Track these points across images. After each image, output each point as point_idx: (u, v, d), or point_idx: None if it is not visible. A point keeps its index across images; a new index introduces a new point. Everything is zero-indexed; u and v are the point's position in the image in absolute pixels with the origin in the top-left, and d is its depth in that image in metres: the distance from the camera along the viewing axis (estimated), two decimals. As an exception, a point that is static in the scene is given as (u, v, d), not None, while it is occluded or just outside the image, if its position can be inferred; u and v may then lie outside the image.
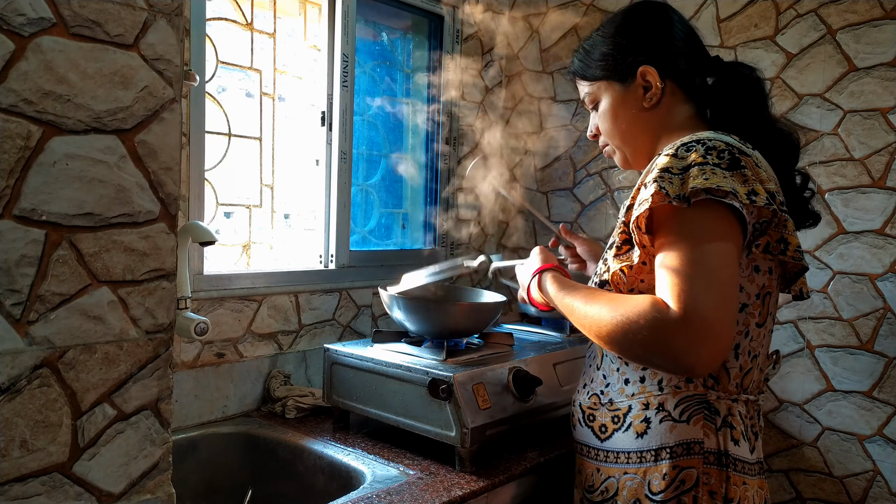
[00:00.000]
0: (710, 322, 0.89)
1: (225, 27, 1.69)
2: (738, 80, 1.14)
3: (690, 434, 1.03)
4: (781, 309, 1.80)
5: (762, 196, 0.95)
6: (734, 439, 1.03)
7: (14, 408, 0.74)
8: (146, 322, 0.83)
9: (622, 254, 1.07)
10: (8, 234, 0.73)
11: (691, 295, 0.90)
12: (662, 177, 0.97)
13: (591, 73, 1.19)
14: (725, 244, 0.94)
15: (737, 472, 1.02)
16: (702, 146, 0.98)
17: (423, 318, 1.49)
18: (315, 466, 1.44)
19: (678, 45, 1.14)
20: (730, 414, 1.04)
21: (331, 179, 1.89)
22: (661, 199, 0.95)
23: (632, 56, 1.13)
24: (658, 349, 0.93)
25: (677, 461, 1.03)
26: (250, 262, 1.78)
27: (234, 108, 1.72)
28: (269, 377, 1.71)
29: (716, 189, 0.93)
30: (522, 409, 1.39)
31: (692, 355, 0.90)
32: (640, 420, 1.07)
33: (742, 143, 1.02)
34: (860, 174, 1.69)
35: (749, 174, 0.96)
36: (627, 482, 1.07)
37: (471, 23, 2.24)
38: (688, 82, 1.14)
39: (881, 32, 1.65)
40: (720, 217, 0.95)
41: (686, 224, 0.95)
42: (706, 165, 0.95)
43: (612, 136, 1.20)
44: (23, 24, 0.72)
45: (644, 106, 1.14)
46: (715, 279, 0.92)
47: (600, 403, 1.13)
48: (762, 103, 1.13)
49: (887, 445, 1.67)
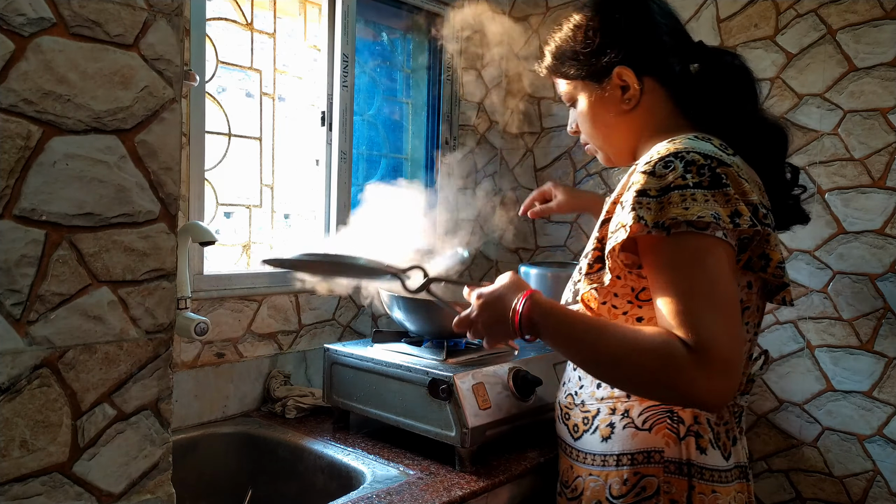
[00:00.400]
0: (729, 359, 0.85)
1: (225, 27, 1.69)
2: (722, 69, 1.07)
3: (651, 443, 1.02)
4: (781, 309, 1.80)
5: (745, 217, 0.91)
6: (700, 447, 1.01)
7: (14, 408, 0.74)
8: (146, 322, 0.83)
9: (593, 273, 1.04)
10: (8, 234, 0.73)
11: (707, 333, 0.85)
12: (640, 202, 0.92)
13: (565, 72, 1.12)
14: (721, 269, 0.90)
15: (704, 480, 1.00)
16: (680, 162, 0.93)
17: (423, 318, 1.49)
18: (315, 466, 1.44)
19: (656, 37, 1.07)
20: (696, 422, 1.02)
21: (331, 179, 1.89)
22: (639, 230, 0.91)
23: (606, 56, 1.06)
24: (678, 391, 0.88)
25: (638, 468, 1.02)
26: (250, 262, 1.78)
27: (234, 108, 1.72)
28: (269, 377, 1.71)
29: (696, 220, 0.88)
30: (522, 409, 1.39)
31: (714, 394, 0.86)
32: (605, 424, 1.07)
33: (722, 150, 0.98)
34: (860, 174, 1.69)
35: (731, 192, 0.91)
36: (591, 483, 1.07)
37: (471, 22, 2.24)
38: (668, 75, 1.08)
39: (881, 32, 1.64)
40: (708, 242, 0.90)
41: (677, 253, 0.91)
42: (686, 189, 0.90)
43: (592, 137, 1.15)
44: (23, 24, 0.72)
45: (623, 108, 1.08)
46: (723, 310, 0.87)
47: (574, 403, 1.13)
48: (749, 93, 1.07)
49: (887, 445, 1.67)
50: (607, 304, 1.04)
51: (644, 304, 1.01)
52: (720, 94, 1.07)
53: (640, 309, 1.02)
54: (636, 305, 1.02)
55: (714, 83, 1.07)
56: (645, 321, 1.02)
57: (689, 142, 0.97)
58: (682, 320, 0.88)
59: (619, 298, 1.03)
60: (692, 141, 0.98)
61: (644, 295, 1.01)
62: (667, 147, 0.97)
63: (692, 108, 1.09)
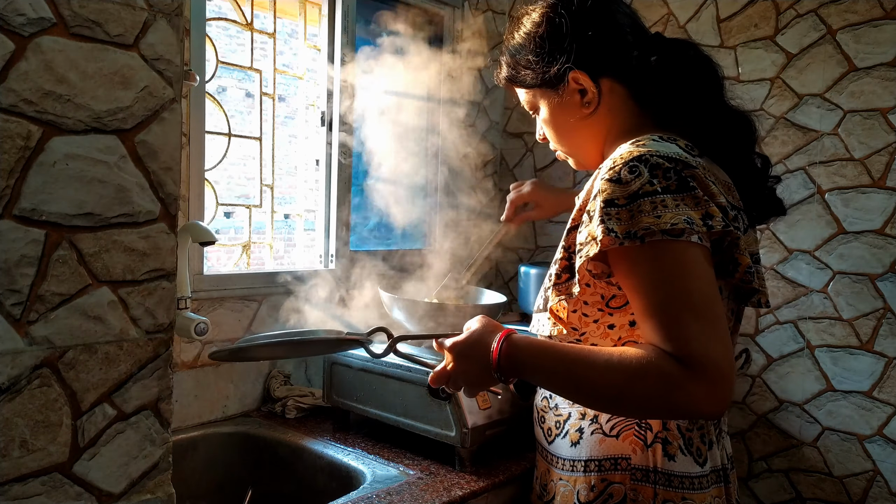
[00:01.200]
0: (722, 367, 0.83)
1: (225, 27, 1.69)
2: (681, 60, 1.04)
3: (618, 449, 1.01)
4: (781, 309, 1.80)
5: (717, 218, 0.88)
6: (668, 454, 0.99)
7: (14, 408, 0.74)
8: (146, 322, 0.83)
9: (561, 283, 1.01)
10: (8, 234, 0.73)
11: (697, 346, 0.83)
12: (609, 213, 0.89)
13: (522, 81, 1.10)
14: (701, 273, 0.87)
15: (672, 488, 0.99)
16: (645, 166, 0.89)
17: (423, 319, 1.49)
18: (315, 466, 1.44)
19: (606, 36, 1.04)
20: (664, 429, 1.00)
21: (331, 179, 1.89)
22: (610, 243, 0.88)
23: (557, 63, 1.03)
24: (679, 409, 0.86)
25: (605, 475, 1.01)
26: (250, 262, 1.78)
27: (234, 108, 1.72)
28: (269, 377, 1.71)
29: (671, 228, 0.86)
30: (522, 410, 1.39)
31: (714, 404, 0.83)
32: (575, 429, 1.06)
33: (687, 151, 0.95)
34: (860, 174, 1.69)
35: (700, 194, 0.89)
36: (561, 488, 1.07)
37: (471, 22, 2.24)
38: (625, 73, 1.04)
39: (881, 32, 1.65)
40: (684, 247, 0.87)
41: (654, 262, 0.88)
42: (655, 196, 0.88)
43: (558, 143, 1.13)
44: (23, 24, 0.72)
45: (584, 112, 1.05)
46: (708, 317, 0.85)
47: (549, 407, 1.12)
48: (711, 84, 1.04)
49: (887, 445, 1.67)
50: (577, 313, 1.01)
51: (615, 311, 0.99)
52: (681, 86, 1.03)
53: (610, 316, 0.99)
54: (607, 313, 0.99)
55: (674, 76, 1.03)
56: (616, 328, 1.00)
57: (652, 143, 0.94)
58: (668, 334, 0.85)
59: (589, 307, 1.00)
60: (656, 143, 0.95)
61: (614, 302, 0.98)
62: (629, 150, 0.93)
63: (654, 104, 1.06)
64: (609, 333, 1.01)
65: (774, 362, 1.82)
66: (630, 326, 0.99)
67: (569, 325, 1.02)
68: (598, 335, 1.01)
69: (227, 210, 1.75)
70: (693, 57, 1.05)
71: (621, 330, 1.00)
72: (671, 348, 0.84)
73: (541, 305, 1.08)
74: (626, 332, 1.00)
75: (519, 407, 1.39)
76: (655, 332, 0.86)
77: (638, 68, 1.04)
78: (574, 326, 1.02)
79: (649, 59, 1.03)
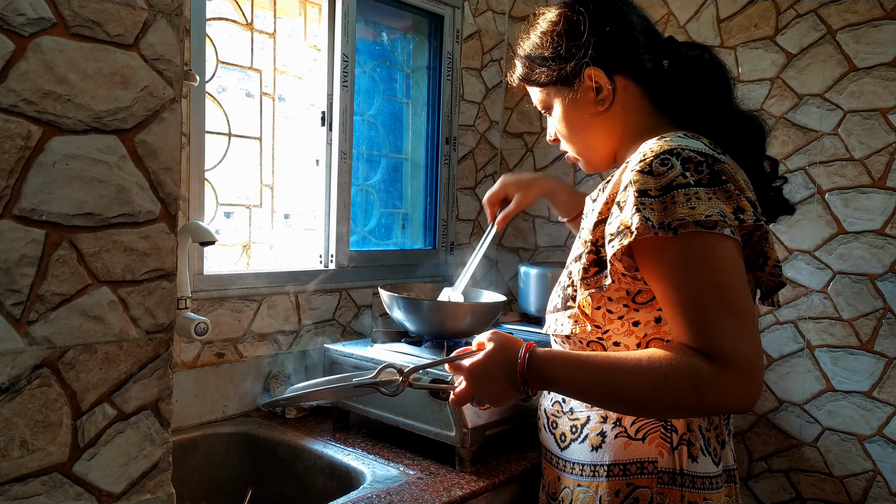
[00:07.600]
0: (754, 363, 0.85)
1: (225, 27, 1.69)
2: (694, 63, 1.06)
3: (645, 453, 1.00)
4: (781, 309, 1.80)
5: (749, 213, 0.90)
6: (692, 456, 0.99)
7: (14, 408, 0.74)
8: (146, 322, 0.83)
9: (589, 277, 0.99)
10: (8, 234, 0.73)
11: (729, 343, 0.84)
12: (643, 203, 0.89)
13: (537, 79, 1.11)
14: (733, 267, 0.89)
15: (695, 489, 0.99)
16: (677, 159, 0.91)
17: (423, 319, 1.49)
18: (315, 466, 1.44)
19: (622, 35, 1.05)
20: (688, 430, 1.00)
21: (331, 179, 1.89)
22: (645, 231, 0.88)
23: (574, 59, 1.04)
24: (714, 406, 0.88)
25: (631, 479, 1.00)
26: (250, 262, 1.78)
27: (234, 108, 1.72)
28: (269, 377, 1.71)
29: (704, 220, 0.87)
30: (522, 410, 1.39)
31: (747, 399, 0.85)
32: (596, 433, 1.04)
33: (713, 149, 0.96)
34: (860, 174, 1.69)
35: (731, 188, 0.90)
36: (580, 494, 1.05)
37: (471, 22, 2.24)
38: (640, 73, 1.06)
39: (881, 32, 1.65)
40: (718, 240, 0.89)
41: (687, 255, 0.89)
42: (689, 187, 0.89)
43: (570, 142, 1.14)
44: (23, 24, 0.72)
45: (598, 110, 1.06)
46: (739, 312, 0.86)
47: (562, 411, 1.10)
48: (723, 87, 1.06)
49: (887, 445, 1.67)
50: (602, 309, 1.01)
51: (641, 307, 0.99)
52: (694, 88, 1.05)
53: (636, 312, 0.99)
54: (632, 309, 0.99)
55: (687, 78, 1.05)
56: (641, 325, 0.99)
57: (680, 139, 0.96)
58: (699, 330, 0.86)
59: (613, 303, 1.00)
60: (683, 139, 0.96)
61: (640, 297, 0.98)
62: (659, 144, 0.95)
63: (668, 105, 1.07)
64: (634, 331, 1.00)
65: (774, 362, 1.82)
66: (656, 323, 0.99)
67: (592, 322, 1.02)
68: (621, 332, 1.01)
69: (227, 210, 1.75)
70: (704, 60, 1.06)
71: (646, 327, 0.99)
72: (702, 345, 0.86)
73: (559, 305, 1.07)
74: (651, 328, 0.99)
75: (519, 407, 1.39)
76: (685, 328, 0.88)
77: (652, 71, 1.06)
78: (597, 324, 1.01)
79: (662, 61, 1.06)
